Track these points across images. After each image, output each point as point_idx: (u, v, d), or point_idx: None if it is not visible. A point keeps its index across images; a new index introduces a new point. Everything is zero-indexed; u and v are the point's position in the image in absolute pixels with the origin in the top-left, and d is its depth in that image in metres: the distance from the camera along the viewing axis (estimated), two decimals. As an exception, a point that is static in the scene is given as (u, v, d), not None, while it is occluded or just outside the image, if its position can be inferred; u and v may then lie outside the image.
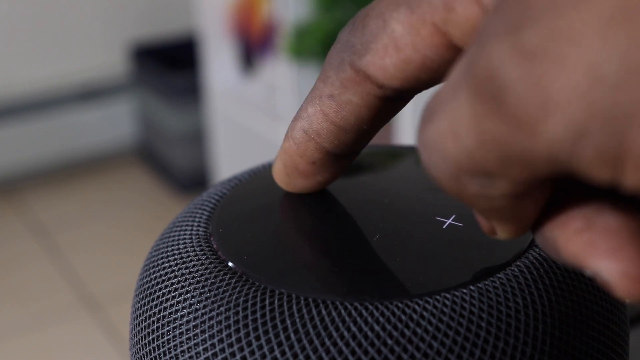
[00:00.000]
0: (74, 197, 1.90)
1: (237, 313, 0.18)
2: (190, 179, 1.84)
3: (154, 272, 0.21)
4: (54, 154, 1.99)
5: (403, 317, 0.18)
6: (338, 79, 0.18)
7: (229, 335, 0.18)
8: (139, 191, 1.92)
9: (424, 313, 0.18)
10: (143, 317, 0.20)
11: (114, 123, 2.05)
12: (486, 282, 0.19)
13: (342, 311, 0.18)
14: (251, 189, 0.24)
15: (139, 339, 0.20)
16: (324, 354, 0.17)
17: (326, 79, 0.19)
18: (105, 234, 1.74)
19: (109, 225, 1.77)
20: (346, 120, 0.19)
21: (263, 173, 0.25)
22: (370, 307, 0.18)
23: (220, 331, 0.18)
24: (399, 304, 0.18)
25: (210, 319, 0.19)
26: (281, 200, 0.23)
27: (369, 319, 0.18)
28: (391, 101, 0.18)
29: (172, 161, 1.87)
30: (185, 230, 0.22)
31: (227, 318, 0.18)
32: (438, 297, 0.18)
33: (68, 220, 1.80)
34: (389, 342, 0.17)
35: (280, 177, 0.22)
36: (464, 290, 0.18)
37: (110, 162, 2.04)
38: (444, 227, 0.21)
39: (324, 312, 0.18)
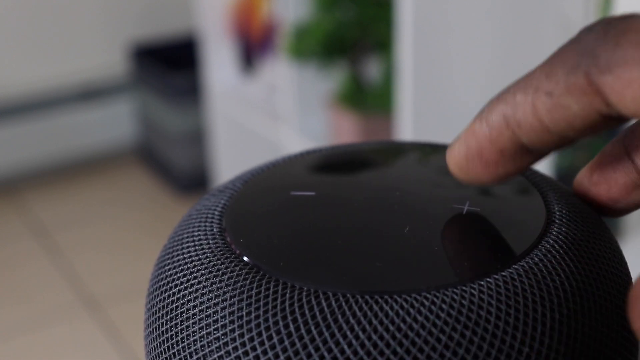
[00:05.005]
0: (74, 197, 1.90)
1: (250, 305, 0.19)
2: (190, 179, 1.84)
3: (169, 268, 0.21)
4: (54, 154, 1.99)
5: (411, 310, 0.18)
6: (565, 81, 0.17)
7: (241, 326, 0.18)
8: (138, 191, 1.92)
9: (432, 307, 0.18)
10: (160, 314, 0.20)
11: (114, 123, 2.05)
12: (496, 277, 0.19)
13: (353, 304, 0.18)
14: (265, 184, 0.24)
15: (156, 335, 0.20)
16: (333, 346, 0.17)
17: (551, 74, 0.18)
18: (105, 234, 1.74)
19: (109, 225, 1.77)
20: (556, 123, 0.18)
21: (276, 168, 0.25)
22: (380, 300, 0.18)
23: (232, 321, 0.18)
24: (408, 297, 0.18)
25: (224, 309, 0.19)
26: (294, 195, 0.23)
27: (379, 312, 0.18)
28: (610, 120, 0.18)
29: (172, 161, 1.87)
30: (199, 226, 0.22)
31: (240, 309, 0.19)
32: (446, 291, 0.18)
33: (68, 220, 1.80)
34: (398, 335, 0.17)
35: (457, 160, 0.20)
36: (473, 285, 0.18)
37: (110, 162, 2.04)
38: (455, 220, 0.21)
39: (334, 304, 0.18)
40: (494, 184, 0.20)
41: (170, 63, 1.90)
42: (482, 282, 0.19)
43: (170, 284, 0.21)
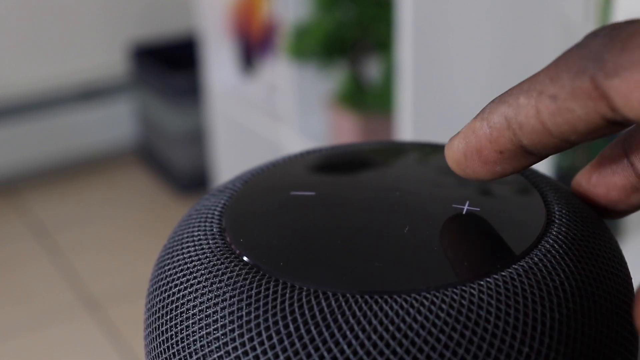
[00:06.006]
0: (74, 197, 1.90)
1: (250, 305, 0.19)
2: (190, 179, 1.84)
3: (169, 268, 0.21)
4: (54, 154, 1.99)
5: (411, 310, 0.18)
6: (570, 85, 0.17)
7: (241, 326, 0.18)
8: (139, 191, 1.92)
9: (432, 307, 0.18)
10: (160, 314, 0.20)
11: (114, 123, 2.05)
12: (496, 277, 0.19)
13: (353, 304, 0.18)
14: (265, 184, 0.24)
15: (156, 335, 0.20)
16: (333, 346, 0.17)
17: (556, 78, 0.18)
18: (105, 234, 1.74)
19: (109, 225, 1.77)
20: (558, 126, 0.18)
21: (276, 168, 0.25)
22: (380, 300, 0.18)
23: (232, 321, 0.19)
24: (407, 297, 0.18)
25: (223, 309, 0.19)
26: (294, 195, 0.23)
27: (379, 312, 0.18)
28: (613, 124, 0.18)
29: (172, 161, 1.87)
30: (199, 226, 0.22)
31: (240, 309, 0.19)
32: (446, 291, 0.18)
33: (68, 220, 1.80)
34: (397, 335, 0.17)
35: (455, 155, 0.20)
36: (472, 285, 0.18)
37: (110, 162, 2.04)
38: (455, 220, 0.21)
39: (334, 304, 0.18)
40: (491, 180, 0.20)
41: (170, 63, 1.90)
42: (481, 282, 0.19)
43: (170, 284, 0.21)
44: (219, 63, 1.53)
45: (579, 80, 0.17)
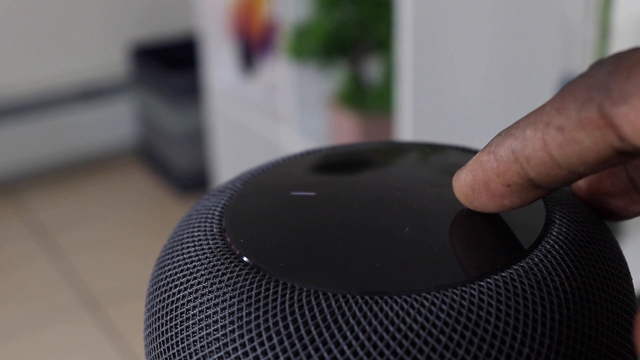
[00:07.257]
0: (74, 197, 1.90)
1: (250, 305, 0.19)
2: (190, 179, 1.84)
3: (169, 268, 0.21)
4: (54, 154, 1.99)
5: (411, 311, 0.18)
6: (577, 115, 0.17)
7: (241, 327, 0.18)
8: (139, 191, 1.92)
9: (432, 308, 0.18)
10: (160, 315, 0.20)
11: (114, 123, 2.05)
12: (496, 277, 0.19)
13: (353, 305, 0.18)
14: (265, 184, 0.24)
15: (156, 335, 0.20)
16: (333, 347, 0.17)
17: (562, 109, 0.17)
18: (105, 234, 1.74)
19: (109, 225, 1.77)
20: (567, 158, 0.18)
21: (276, 168, 0.25)
22: (380, 300, 0.18)
23: (232, 322, 0.19)
24: (407, 298, 0.18)
25: (223, 309, 0.19)
26: (294, 195, 0.23)
27: (379, 313, 0.18)
28: (623, 154, 0.17)
29: (172, 161, 1.87)
30: (199, 226, 0.22)
31: (240, 310, 0.19)
32: (446, 292, 0.18)
33: (68, 220, 1.80)
34: (398, 335, 0.17)
35: (463, 189, 0.20)
36: (473, 286, 0.18)
37: (110, 162, 2.04)
38: (455, 220, 0.21)
39: (334, 305, 0.18)
40: (500, 211, 0.20)
41: (170, 63, 1.90)
42: (482, 283, 0.19)
43: (170, 285, 0.21)
44: (219, 63, 1.53)
45: (586, 110, 0.17)
